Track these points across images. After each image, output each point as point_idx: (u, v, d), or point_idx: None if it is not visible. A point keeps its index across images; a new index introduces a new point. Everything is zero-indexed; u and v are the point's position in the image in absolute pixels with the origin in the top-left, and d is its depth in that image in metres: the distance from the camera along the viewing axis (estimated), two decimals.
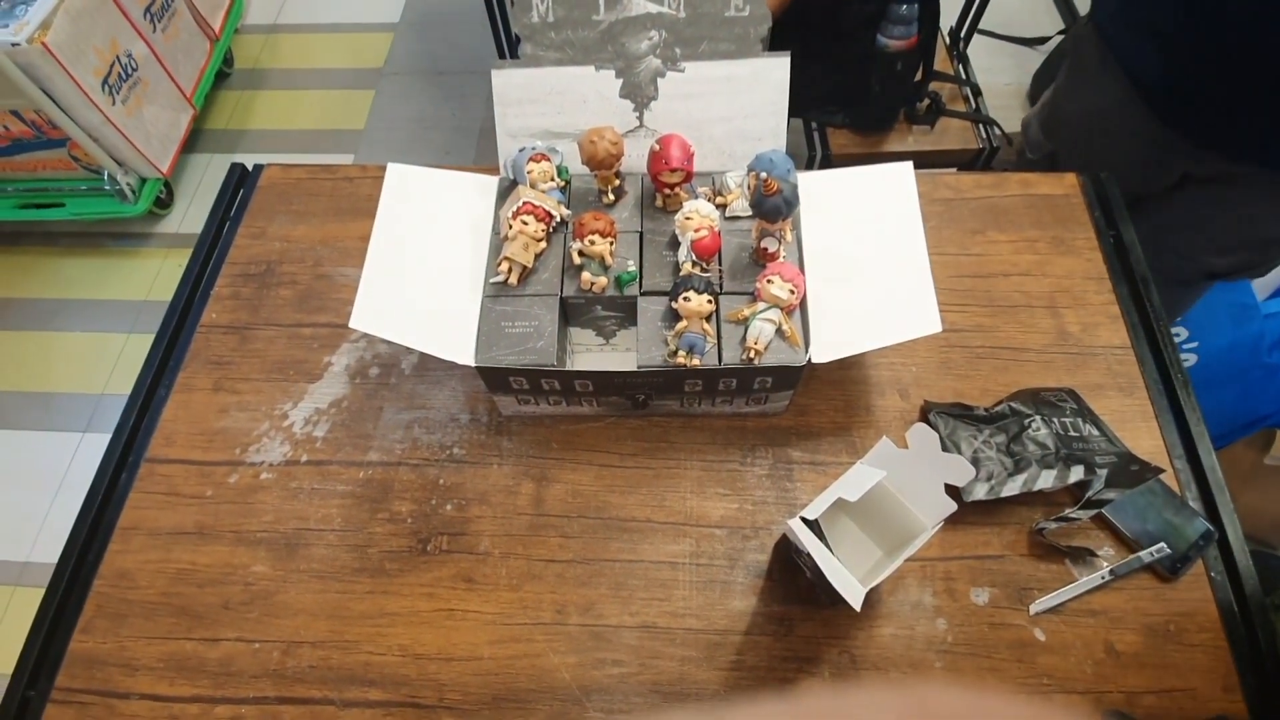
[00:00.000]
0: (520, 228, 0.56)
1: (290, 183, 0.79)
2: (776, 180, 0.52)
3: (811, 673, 0.54)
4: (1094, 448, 0.57)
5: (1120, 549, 0.57)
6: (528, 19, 0.58)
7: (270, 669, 0.55)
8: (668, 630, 0.56)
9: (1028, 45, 1.93)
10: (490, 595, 0.57)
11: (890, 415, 0.64)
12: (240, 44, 2.06)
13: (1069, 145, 0.97)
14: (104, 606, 0.58)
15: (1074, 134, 0.96)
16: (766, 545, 0.58)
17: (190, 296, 0.72)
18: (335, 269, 0.73)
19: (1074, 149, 0.96)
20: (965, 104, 1.36)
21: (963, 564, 0.57)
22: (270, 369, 0.68)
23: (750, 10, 0.57)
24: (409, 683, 0.54)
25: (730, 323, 0.54)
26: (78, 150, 1.53)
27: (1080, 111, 0.94)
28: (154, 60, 1.65)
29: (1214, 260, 0.94)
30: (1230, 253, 0.92)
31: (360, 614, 0.57)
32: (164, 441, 0.65)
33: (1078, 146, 0.95)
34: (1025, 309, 0.69)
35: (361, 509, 0.61)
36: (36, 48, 1.33)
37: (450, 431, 0.64)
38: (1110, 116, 0.87)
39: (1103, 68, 0.86)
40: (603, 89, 0.60)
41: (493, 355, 0.54)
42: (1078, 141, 0.95)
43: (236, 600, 0.58)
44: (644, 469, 0.62)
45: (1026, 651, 0.54)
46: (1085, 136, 0.94)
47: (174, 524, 0.61)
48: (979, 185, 0.76)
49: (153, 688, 0.55)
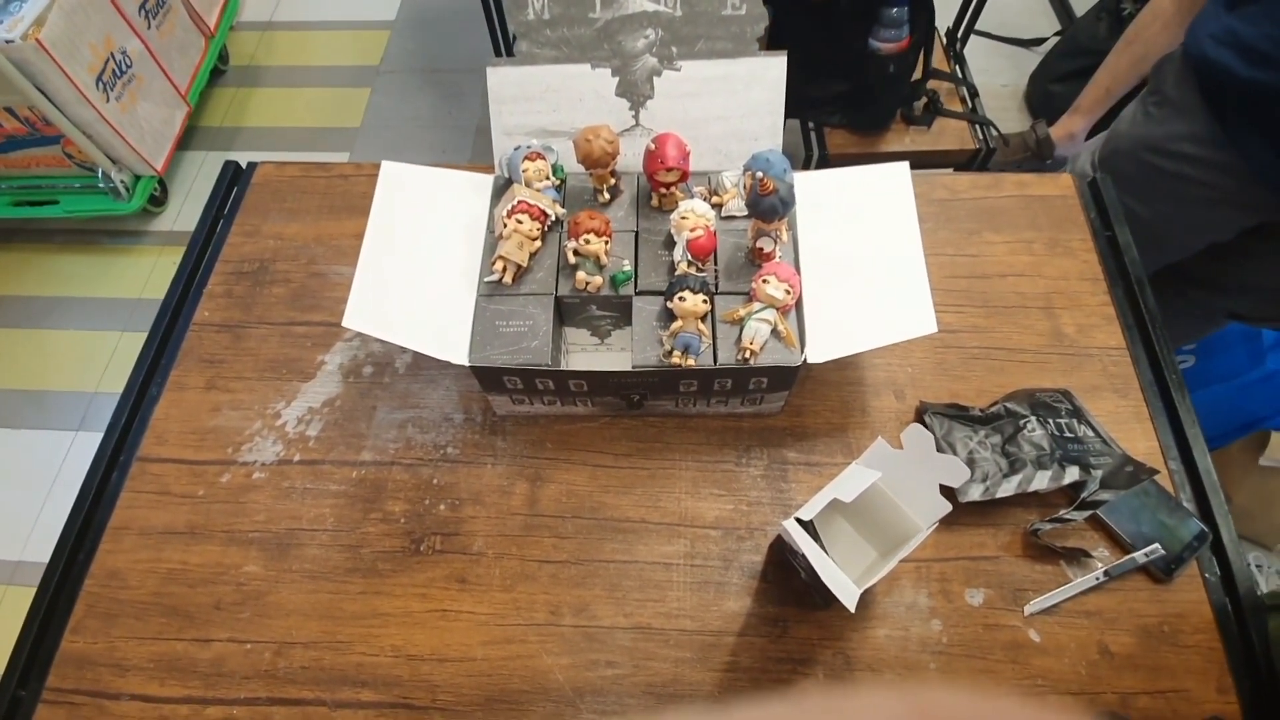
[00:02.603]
0: (515, 226, 0.55)
1: (284, 180, 0.79)
2: (773, 180, 0.52)
3: (806, 674, 0.54)
4: (1089, 449, 0.57)
5: (1115, 550, 0.57)
6: (523, 16, 0.57)
7: (262, 670, 0.55)
8: (662, 631, 0.55)
9: (1025, 46, 1.93)
10: (484, 596, 0.57)
11: (886, 416, 0.64)
12: (235, 41, 2.05)
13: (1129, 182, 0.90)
14: (95, 606, 0.57)
15: (1140, 170, 0.91)
16: (761, 546, 0.58)
17: (183, 294, 0.72)
18: (329, 267, 0.73)
19: (1137, 186, 0.91)
20: (962, 105, 1.36)
21: (958, 565, 0.57)
22: (263, 368, 0.67)
23: (747, 9, 0.57)
24: (401, 684, 0.54)
25: (725, 323, 0.54)
26: (72, 147, 1.53)
27: (1154, 146, 0.89)
28: (149, 57, 1.64)
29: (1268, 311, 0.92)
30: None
31: (353, 614, 0.56)
32: (156, 440, 0.64)
33: (1143, 184, 0.91)
34: (1021, 310, 0.69)
35: (354, 509, 0.60)
36: (31, 44, 1.33)
37: (444, 431, 0.64)
38: (1194, 153, 0.85)
39: (1192, 98, 0.83)
40: (599, 87, 0.60)
41: (487, 355, 0.54)
42: (1144, 179, 0.91)
43: (228, 600, 0.57)
44: (639, 469, 0.62)
45: (1021, 653, 0.54)
46: (1153, 175, 0.90)
47: (165, 523, 0.60)
48: (975, 186, 0.76)
49: (143, 688, 0.54)
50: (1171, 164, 0.88)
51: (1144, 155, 0.91)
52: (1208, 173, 0.85)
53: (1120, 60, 1.09)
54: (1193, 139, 0.85)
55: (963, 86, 1.37)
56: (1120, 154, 0.95)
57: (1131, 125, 0.94)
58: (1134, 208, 0.84)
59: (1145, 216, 0.89)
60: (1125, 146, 0.94)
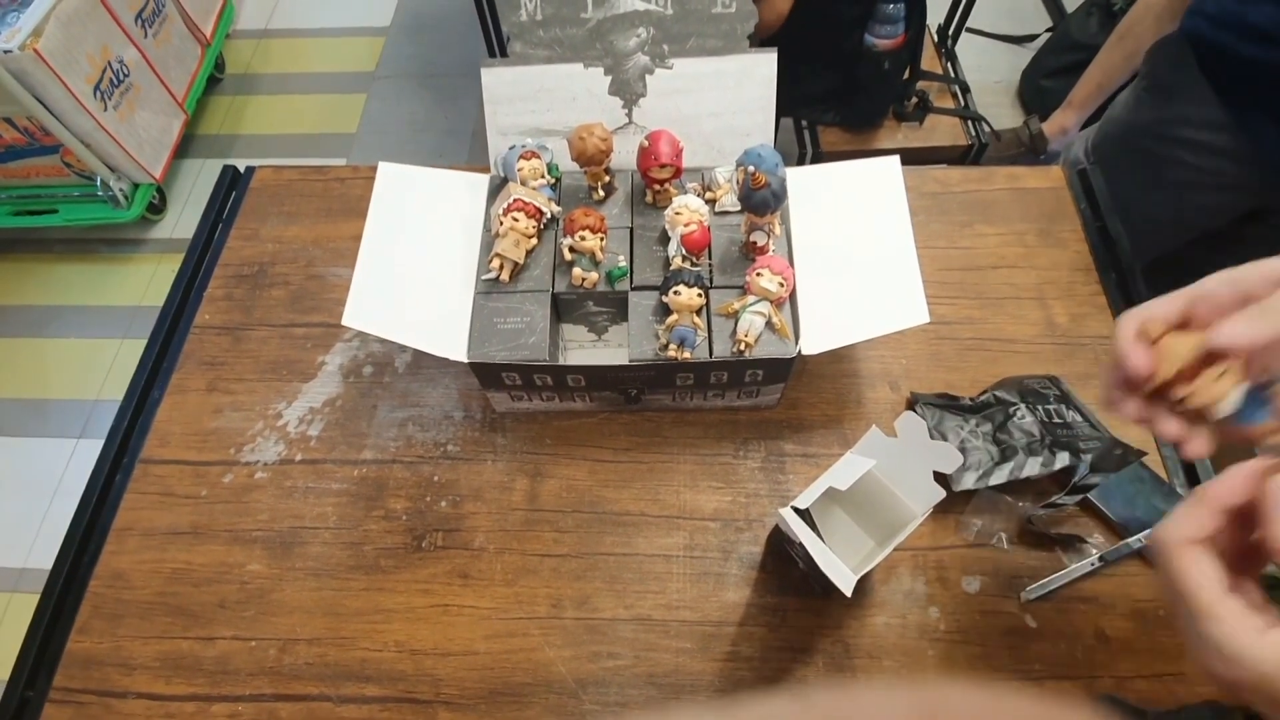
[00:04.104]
0: (511, 224, 0.56)
1: (282, 184, 0.79)
2: (765, 174, 0.52)
3: (806, 662, 0.54)
4: (1078, 433, 0.58)
5: (1109, 536, 0.58)
6: (516, 17, 0.58)
7: (267, 667, 0.55)
8: (663, 623, 0.56)
9: (1016, 43, 1.94)
10: (485, 590, 0.57)
11: (881, 407, 0.64)
12: (232, 49, 2.06)
13: (1122, 168, 0.91)
14: (100, 607, 0.58)
15: (1134, 156, 0.91)
16: (760, 537, 0.59)
17: (183, 298, 0.72)
18: (328, 269, 0.73)
19: (1131, 172, 0.91)
20: (955, 101, 1.37)
21: (954, 553, 0.58)
22: (264, 369, 0.68)
23: (737, 7, 0.58)
24: (405, 678, 0.54)
25: (721, 316, 0.55)
26: (70, 157, 1.54)
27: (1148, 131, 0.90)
28: (145, 66, 1.65)
29: None
30: None
31: (356, 611, 0.57)
32: (158, 442, 0.65)
33: (1137, 170, 0.91)
34: (1014, 300, 0.69)
35: (356, 507, 0.61)
36: (29, 54, 1.34)
37: (444, 429, 0.64)
38: (1192, 137, 0.85)
39: (1190, 82, 0.83)
40: (592, 86, 0.60)
41: (485, 351, 0.55)
42: (1138, 165, 0.91)
43: (232, 599, 0.58)
44: (637, 463, 0.62)
45: (1018, 639, 0.55)
46: (1147, 160, 0.90)
47: (169, 524, 0.61)
48: (967, 179, 0.77)
49: (150, 687, 0.55)
50: (1165, 148, 0.88)
51: (1138, 140, 0.91)
52: (1203, 157, 0.86)
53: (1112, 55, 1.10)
54: (1188, 123, 0.85)
55: (955, 83, 1.38)
56: (1113, 139, 0.96)
57: (1125, 111, 0.95)
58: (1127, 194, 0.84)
59: (1138, 204, 0.90)
60: (1118, 132, 0.95)
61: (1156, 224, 0.94)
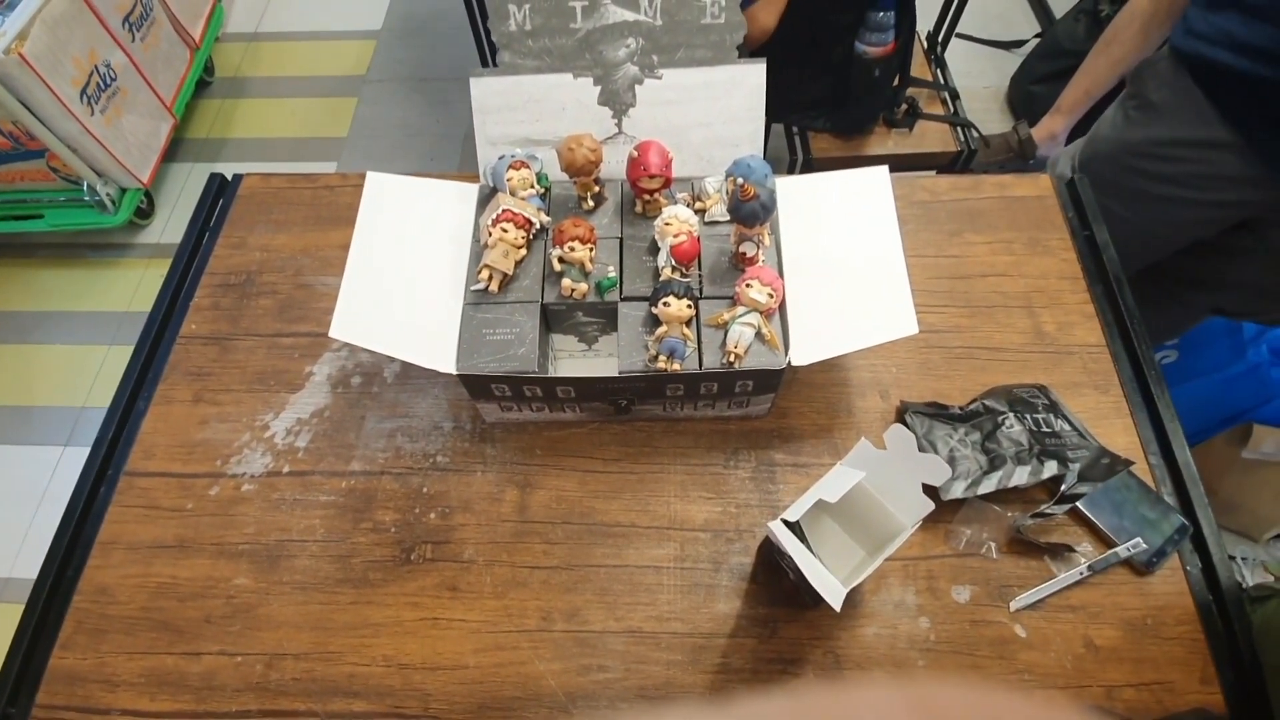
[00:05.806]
0: (500, 235, 0.56)
1: (270, 192, 0.79)
2: (754, 185, 0.52)
3: (796, 674, 0.54)
4: (1066, 442, 0.58)
5: (1098, 545, 0.58)
6: (505, 27, 0.58)
7: (253, 682, 0.55)
8: (653, 635, 0.56)
9: (1005, 49, 1.95)
10: (475, 603, 0.57)
11: (871, 416, 0.64)
12: (221, 52, 2.05)
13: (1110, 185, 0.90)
14: (84, 622, 0.57)
15: (1122, 174, 0.91)
16: (750, 548, 0.59)
17: (169, 307, 0.72)
18: (316, 278, 0.73)
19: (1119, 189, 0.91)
20: (944, 107, 1.37)
21: (944, 563, 0.58)
22: (251, 379, 0.67)
23: (725, 18, 0.58)
24: (394, 693, 0.54)
25: (710, 327, 0.55)
26: (56, 161, 1.52)
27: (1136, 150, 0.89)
28: (133, 70, 1.64)
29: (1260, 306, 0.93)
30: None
31: (344, 625, 0.56)
32: (143, 454, 0.64)
33: (1125, 187, 0.91)
34: (1002, 309, 0.70)
35: (344, 519, 0.61)
36: (13, 58, 1.32)
37: (433, 440, 0.64)
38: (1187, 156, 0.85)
39: (1183, 100, 0.83)
40: (581, 96, 0.60)
41: (474, 363, 0.54)
42: (1126, 182, 0.91)
43: (218, 613, 0.57)
44: (627, 474, 0.62)
45: (1007, 648, 0.55)
46: (1135, 178, 0.90)
47: (154, 537, 0.60)
48: (955, 188, 0.77)
49: (134, 703, 0.54)
50: (1154, 166, 0.89)
51: (1125, 159, 0.92)
52: (1200, 174, 0.86)
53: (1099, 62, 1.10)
54: (1182, 142, 0.85)
55: (944, 90, 1.39)
56: (1100, 158, 0.96)
57: (1112, 129, 0.95)
58: (1116, 210, 0.84)
59: (1127, 218, 0.90)
60: (1106, 150, 0.95)
61: (1146, 237, 0.94)
